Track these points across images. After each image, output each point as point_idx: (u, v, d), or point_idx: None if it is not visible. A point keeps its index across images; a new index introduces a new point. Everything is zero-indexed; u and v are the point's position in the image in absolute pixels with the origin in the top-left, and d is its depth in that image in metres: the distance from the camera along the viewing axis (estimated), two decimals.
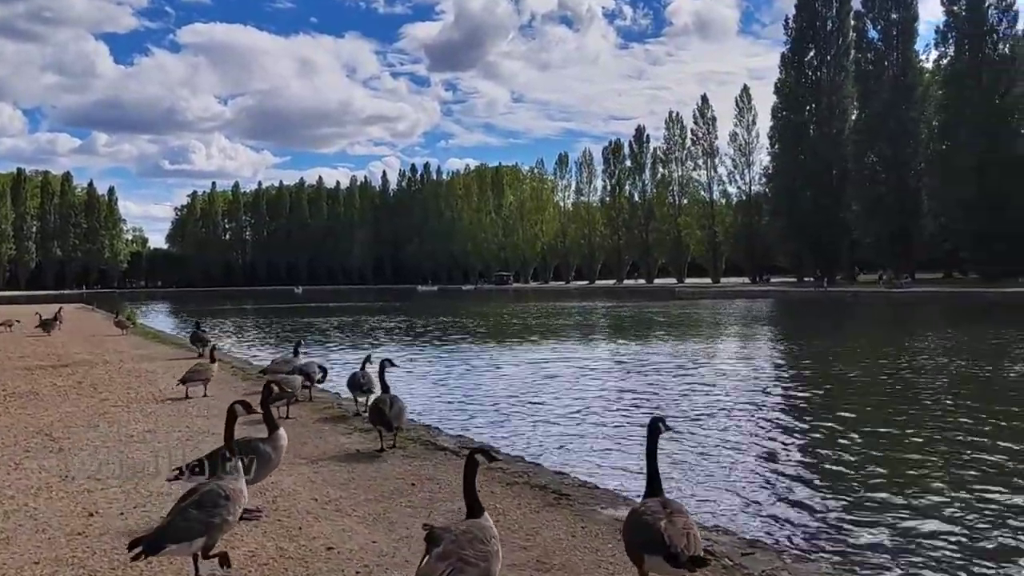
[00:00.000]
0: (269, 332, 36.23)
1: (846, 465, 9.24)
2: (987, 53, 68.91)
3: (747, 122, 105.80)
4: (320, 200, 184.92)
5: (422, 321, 42.62)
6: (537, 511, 5.89)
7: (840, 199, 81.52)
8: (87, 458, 7.90)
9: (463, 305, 67.63)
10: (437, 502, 6.23)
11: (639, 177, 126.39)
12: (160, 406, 11.31)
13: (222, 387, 13.34)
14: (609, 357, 22.53)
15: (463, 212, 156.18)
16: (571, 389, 15.79)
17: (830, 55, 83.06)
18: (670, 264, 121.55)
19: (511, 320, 43.66)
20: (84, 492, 6.66)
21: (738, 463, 9.36)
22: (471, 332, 34.23)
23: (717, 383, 16.33)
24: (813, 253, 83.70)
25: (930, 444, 10.32)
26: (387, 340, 29.78)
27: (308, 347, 25.98)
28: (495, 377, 18.27)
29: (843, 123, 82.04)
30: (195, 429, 9.46)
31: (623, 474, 8.63)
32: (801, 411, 13.14)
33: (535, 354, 23.38)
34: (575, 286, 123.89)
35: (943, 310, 46.13)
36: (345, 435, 9.03)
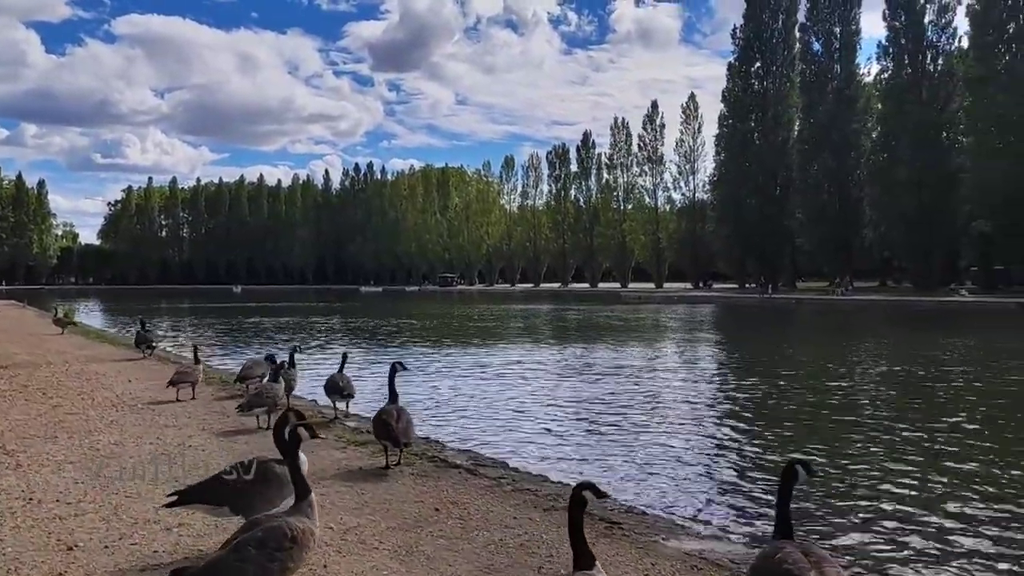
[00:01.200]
0: (211, 332, 34.79)
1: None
2: (926, 68, 70.83)
3: (693, 129, 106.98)
4: (261, 198, 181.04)
5: (371, 322, 41.63)
6: (592, 543, 5.25)
7: (784, 207, 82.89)
8: (51, 476, 7.03)
9: (410, 306, 66.64)
10: (472, 532, 5.56)
11: (585, 182, 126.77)
12: (121, 414, 10.37)
13: (182, 390, 12.43)
14: (574, 359, 21.98)
15: (408, 212, 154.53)
16: (539, 392, 15.19)
17: (776, 66, 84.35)
18: (615, 268, 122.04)
19: (464, 322, 42.95)
20: (56, 519, 5.82)
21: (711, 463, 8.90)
22: (424, 334, 33.44)
23: (690, 385, 15.96)
24: (757, 260, 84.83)
25: (867, 440, 10.20)
26: (338, 341, 28.79)
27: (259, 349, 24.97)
28: (458, 379, 17.55)
29: (788, 133, 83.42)
30: (168, 441, 8.60)
31: (630, 484, 8.08)
32: (755, 409, 12.80)
33: (496, 357, 22.74)
34: (520, 288, 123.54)
35: (885, 317, 46.96)
36: (339, 449, 8.28)
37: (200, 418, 10.10)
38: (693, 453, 10.13)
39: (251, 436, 8.95)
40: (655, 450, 10.26)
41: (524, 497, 6.38)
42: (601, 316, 47.78)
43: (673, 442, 10.83)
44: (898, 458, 9.63)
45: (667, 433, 11.53)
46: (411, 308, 62.43)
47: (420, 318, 46.91)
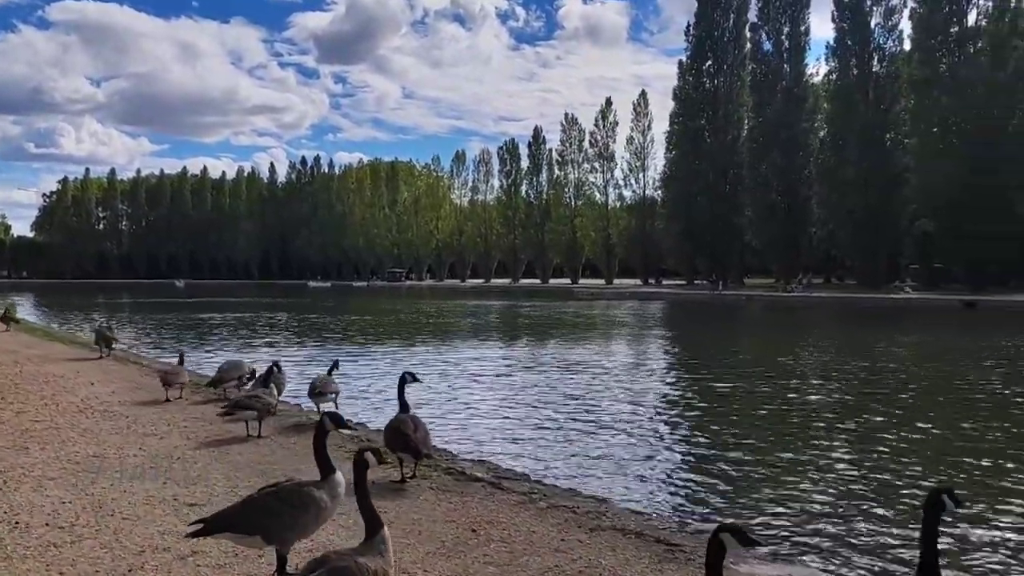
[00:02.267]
0: (159, 329, 33.51)
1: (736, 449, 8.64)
2: (873, 70, 72.18)
3: (643, 127, 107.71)
4: (204, 190, 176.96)
5: (328, 319, 40.74)
6: (659, 570, 4.85)
7: (734, 205, 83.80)
8: (32, 495, 6.35)
9: (362, 302, 65.64)
10: (521, 557, 5.09)
11: (536, 178, 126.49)
12: (93, 420, 9.62)
13: (154, 393, 11.68)
14: (544, 356, 21.60)
15: (355, 206, 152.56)
16: (524, 391, 14.75)
17: (727, 65, 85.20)
18: (565, 264, 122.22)
19: (423, 319, 42.28)
20: (50, 547, 5.19)
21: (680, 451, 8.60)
22: (386, 332, 32.74)
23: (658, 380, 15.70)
24: (707, 257, 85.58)
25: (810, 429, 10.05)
26: (294, 339, 27.95)
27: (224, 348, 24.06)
28: (434, 380, 16.99)
29: (738, 131, 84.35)
30: (153, 452, 7.94)
31: (645, 492, 7.69)
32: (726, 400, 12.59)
33: (464, 354, 22.26)
34: (471, 284, 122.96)
35: (837, 314, 47.66)
36: (343, 459, 7.71)
37: (180, 425, 9.43)
38: (711, 457, 9.79)
39: (243, 446, 8.33)
40: (666, 455, 9.92)
41: (563, 515, 5.93)
42: (560, 313, 47.59)
43: (682, 446, 10.51)
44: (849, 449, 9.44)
45: (669, 435, 11.20)
46: (364, 304, 61.46)
47: (377, 314, 46.11)
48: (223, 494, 6.43)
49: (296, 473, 7.11)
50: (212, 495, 6.40)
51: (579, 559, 5.02)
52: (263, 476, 7.00)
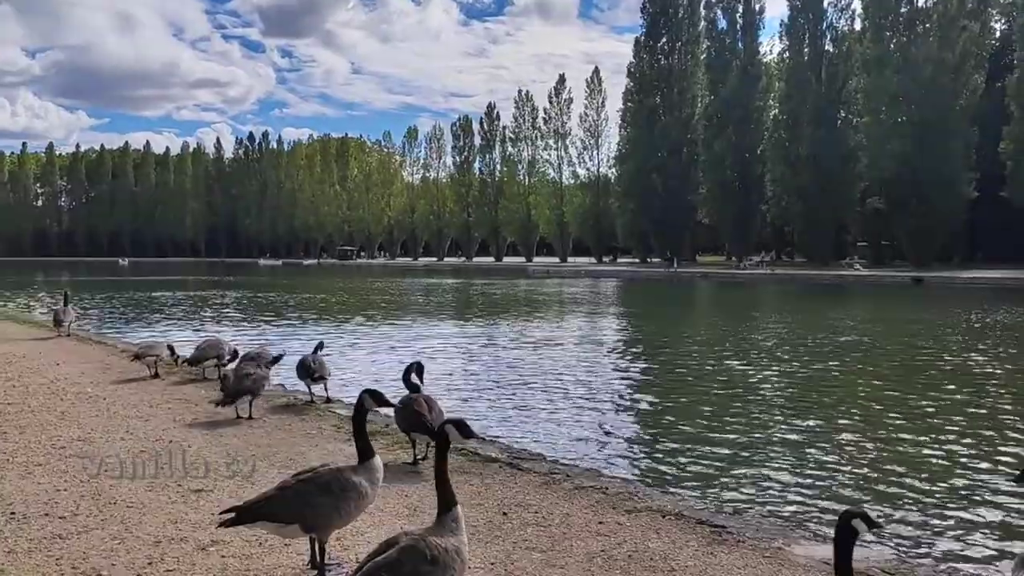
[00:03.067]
0: (110, 309, 32.42)
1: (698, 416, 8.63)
2: (826, 48, 72.98)
3: (597, 104, 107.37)
4: (147, 166, 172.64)
5: (286, 297, 39.98)
6: (711, 553, 4.63)
7: (688, 182, 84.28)
8: (23, 483, 5.90)
9: (317, 280, 64.68)
10: (563, 541, 4.82)
11: (489, 154, 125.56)
12: (69, 403, 9.09)
13: (126, 373, 11.16)
14: (508, 332, 21.39)
15: (305, 183, 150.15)
16: (495, 368, 14.53)
17: (682, 42, 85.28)
18: (519, 243, 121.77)
19: (381, 297, 41.73)
20: (56, 539, 4.79)
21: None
22: (347, 309, 32.21)
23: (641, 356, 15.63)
24: (661, 234, 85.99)
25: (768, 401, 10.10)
26: (258, 317, 27.28)
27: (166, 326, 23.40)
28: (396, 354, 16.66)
29: (693, 109, 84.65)
30: (141, 435, 7.49)
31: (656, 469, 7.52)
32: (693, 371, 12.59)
33: (431, 331, 21.94)
34: (423, 262, 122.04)
35: (791, 291, 48.33)
36: (345, 441, 7.37)
37: (164, 406, 8.96)
38: (710, 433, 9.68)
39: (236, 428, 7.93)
40: (664, 431, 9.78)
41: (593, 497, 5.68)
42: (521, 291, 47.45)
43: (683, 423, 10.39)
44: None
45: (664, 412, 11.08)
46: (319, 283, 60.53)
47: (334, 293, 45.38)
48: (227, 479, 6.07)
49: (300, 456, 6.80)
50: (216, 480, 6.03)
51: (624, 543, 4.79)
52: (266, 460, 6.65)
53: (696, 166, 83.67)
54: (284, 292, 45.16)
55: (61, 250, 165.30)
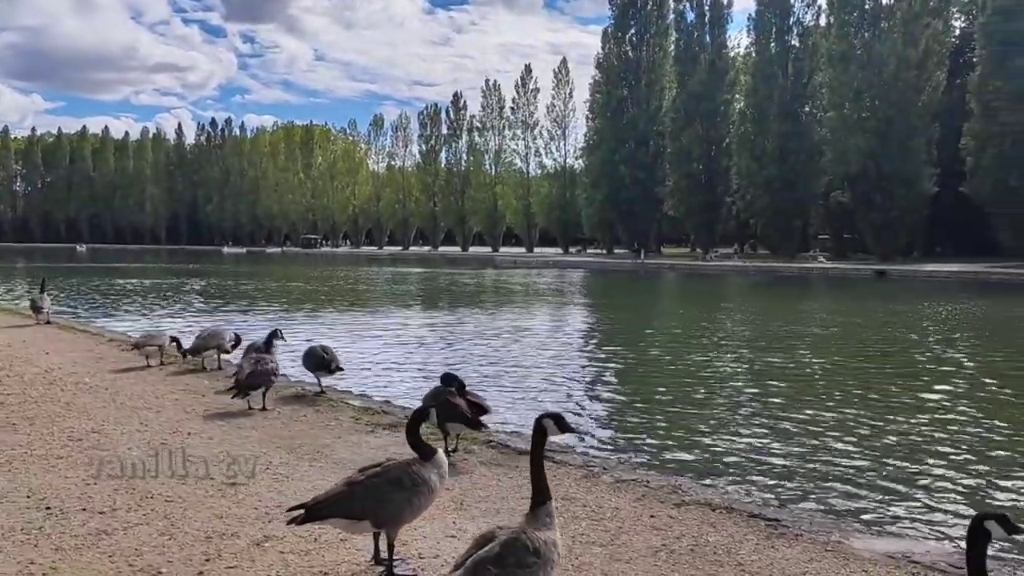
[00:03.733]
0: (73, 296, 31.74)
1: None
2: (792, 43, 73.72)
3: (564, 95, 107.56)
4: (106, 151, 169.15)
5: (261, 285, 39.50)
6: (772, 547, 4.62)
7: (655, 174, 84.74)
8: (51, 477, 5.72)
9: (283, 269, 64.00)
10: (621, 535, 4.77)
11: (456, 144, 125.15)
12: (72, 394, 8.84)
13: (120, 363, 10.91)
14: (489, 322, 21.35)
15: (269, 171, 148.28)
16: (478, 356, 14.50)
17: (650, 35, 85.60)
18: (485, 232, 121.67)
19: (354, 286, 41.43)
20: (102, 535, 4.64)
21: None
22: (321, 298, 31.92)
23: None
24: (628, 226, 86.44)
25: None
26: (233, 305, 26.89)
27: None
28: (389, 344, 16.55)
29: (661, 101, 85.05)
30: (156, 427, 7.32)
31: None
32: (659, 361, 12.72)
33: (412, 320, 21.83)
34: (389, 252, 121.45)
35: (758, 283, 48.92)
36: (369, 433, 7.26)
37: (170, 397, 8.77)
38: (755, 428, 9.73)
39: (253, 419, 7.78)
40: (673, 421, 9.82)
41: (637, 490, 5.64)
42: (491, 280, 47.48)
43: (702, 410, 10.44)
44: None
45: (678, 397, 11.13)
46: (286, 271, 59.92)
47: (305, 281, 44.96)
48: (261, 472, 5.95)
49: (326, 448, 6.71)
50: (250, 473, 5.92)
51: (683, 537, 4.78)
52: (292, 452, 6.53)
53: (663, 158, 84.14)
54: (256, 280, 44.62)
55: (15, 236, 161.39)
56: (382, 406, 8.56)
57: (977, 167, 59.81)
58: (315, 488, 5.49)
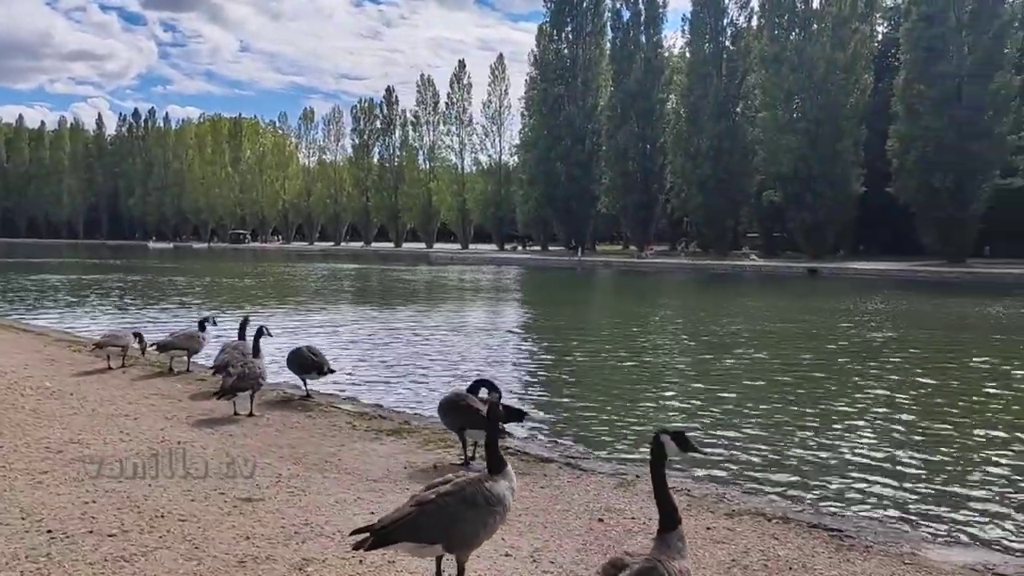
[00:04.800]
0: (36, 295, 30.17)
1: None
2: (726, 44, 74.95)
3: (500, 91, 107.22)
4: (20, 141, 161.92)
5: (198, 281, 38.16)
6: (847, 560, 4.40)
7: (591, 172, 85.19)
8: (41, 495, 5.18)
9: (215, 265, 62.14)
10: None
11: (389, 139, 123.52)
12: (36, 400, 8.16)
13: (75, 365, 10.21)
14: (440, 319, 20.99)
15: (195, 164, 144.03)
16: (446, 356, 14.16)
17: (586, 32, 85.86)
18: (419, 229, 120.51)
19: (298, 282, 40.40)
20: (120, 562, 4.17)
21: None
22: (265, 294, 30.99)
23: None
24: (565, 223, 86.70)
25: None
26: (164, 304, 25.86)
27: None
28: (353, 341, 16.05)
29: (597, 99, 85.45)
30: (139, 436, 6.77)
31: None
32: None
33: (363, 316, 21.29)
34: (320, 247, 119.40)
35: (696, 280, 49.61)
36: (373, 440, 6.84)
37: (144, 403, 8.19)
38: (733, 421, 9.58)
39: (243, 427, 7.28)
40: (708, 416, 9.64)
41: (681, 499, 5.31)
42: (432, 277, 46.94)
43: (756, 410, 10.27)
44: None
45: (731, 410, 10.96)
46: (219, 266, 58.19)
47: (242, 277, 43.68)
48: (270, 485, 5.52)
49: (333, 457, 6.32)
50: (259, 487, 5.48)
51: (750, 551, 4.54)
52: (298, 463, 6.10)
53: (599, 155, 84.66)
54: (191, 276, 43.16)
55: None
56: (377, 411, 8.15)
57: (902, 168, 61.66)
58: (338, 502, 5.11)
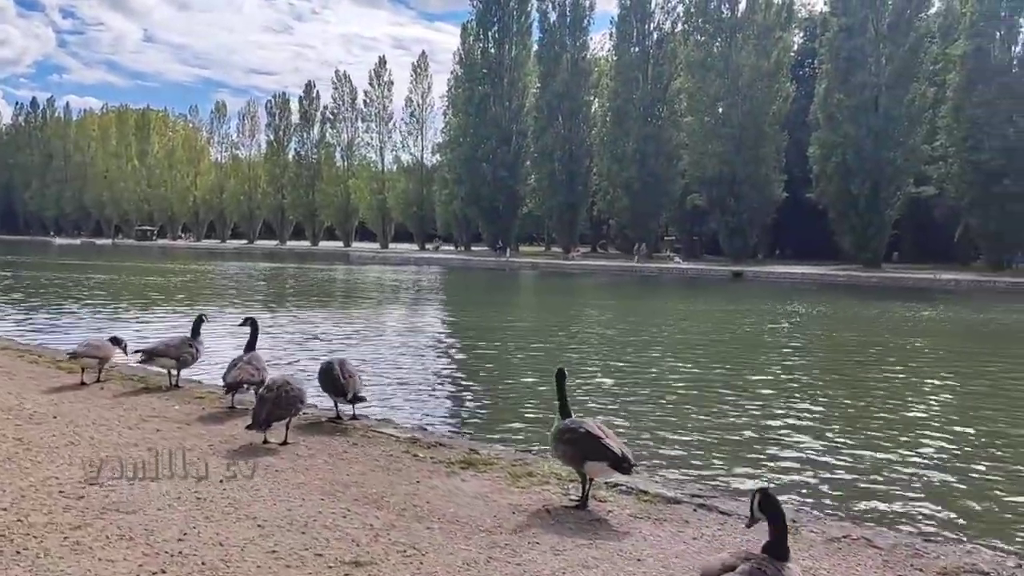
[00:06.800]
0: None
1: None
2: (653, 48, 75.55)
3: (423, 89, 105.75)
4: None
5: (119, 279, 35.81)
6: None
7: (517, 172, 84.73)
8: (93, 564, 4.07)
9: (130, 261, 58.94)
10: None
11: (307, 135, 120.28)
12: (13, 424, 6.81)
13: (38, 379, 8.83)
14: (379, 321, 19.98)
15: (98, 157, 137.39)
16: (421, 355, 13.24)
17: (513, 32, 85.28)
18: (337, 227, 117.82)
19: (230, 282, 38.44)
20: None
21: None
22: (178, 292, 29.21)
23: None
24: (490, 223, 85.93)
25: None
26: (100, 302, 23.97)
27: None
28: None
29: (524, 100, 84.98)
30: (107, 443, 5.65)
31: None
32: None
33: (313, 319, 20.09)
34: (233, 245, 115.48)
35: (625, 281, 49.76)
36: (446, 473, 5.79)
37: (148, 427, 6.92)
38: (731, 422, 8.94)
39: (287, 458, 6.06)
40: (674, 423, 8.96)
41: (863, 553, 4.51)
42: (357, 278, 45.53)
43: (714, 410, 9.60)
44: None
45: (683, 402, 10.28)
46: (137, 263, 55.15)
47: (167, 275, 41.35)
48: (368, 541, 4.48)
49: (414, 498, 5.32)
50: (356, 543, 4.46)
51: None
52: (386, 509, 5.01)
53: (525, 155, 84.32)
54: (120, 274, 40.58)
55: None
56: (427, 435, 7.16)
57: (823, 174, 63.29)
58: (468, 565, 4.18)
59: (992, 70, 55.39)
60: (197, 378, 9.79)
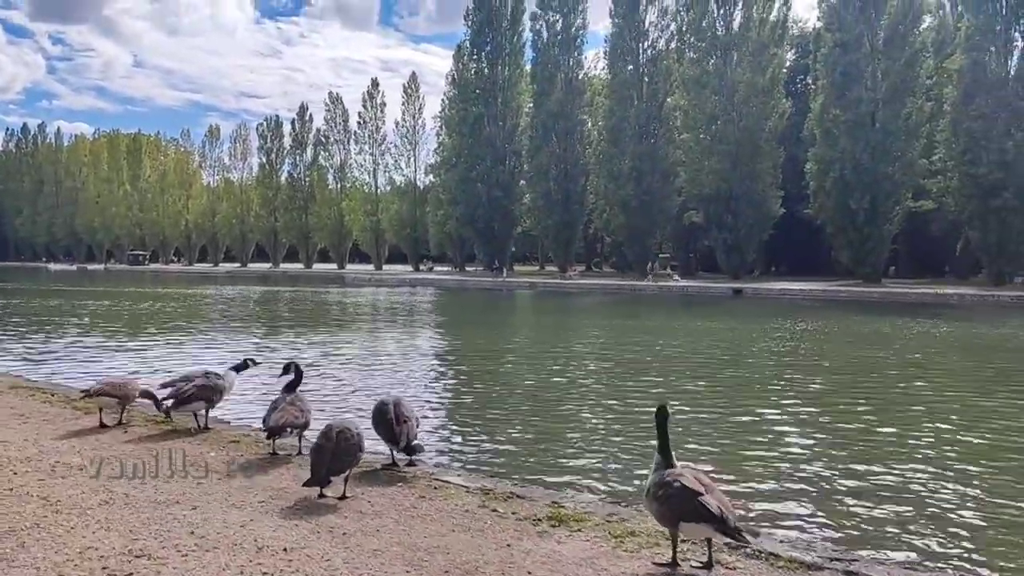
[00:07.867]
0: None
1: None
2: (647, 66, 75.39)
3: (415, 110, 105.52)
4: None
5: (135, 306, 34.98)
6: None
7: (512, 192, 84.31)
8: None
9: (132, 287, 58.06)
10: None
11: (300, 158, 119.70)
12: (35, 478, 6.10)
13: (50, 420, 8.13)
14: (409, 345, 19.29)
15: (89, 182, 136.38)
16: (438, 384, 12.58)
17: (506, 52, 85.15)
18: (331, 249, 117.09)
19: (237, 307, 37.64)
20: None
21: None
22: (194, 318, 28.44)
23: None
24: (486, 243, 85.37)
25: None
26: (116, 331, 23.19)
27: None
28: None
29: (518, 119, 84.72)
30: (209, 534, 4.97)
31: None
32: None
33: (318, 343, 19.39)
34: (226, 268, 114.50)
35: (625, 300, 49.17)
36: (537, 534, 5.18)
37: (187, 480, 6.29)
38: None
39: (346, 518, 5.41)
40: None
41: None
42: (369, 300, 44.78)
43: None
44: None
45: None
46: (135, 288, 54.25)
47: (166, 300, 40.56)
48: None
49: (518, 570, 4.65)
50: None
51: None
52: None
53: (520, 175, 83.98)
54: (127, 300, 39.74)
55: None
56: (498, 484, 6.51)
57: (820, 189, 63.08)
58: None
59: (989, 83, 55.36)
60: (225, 418, 9.09)
